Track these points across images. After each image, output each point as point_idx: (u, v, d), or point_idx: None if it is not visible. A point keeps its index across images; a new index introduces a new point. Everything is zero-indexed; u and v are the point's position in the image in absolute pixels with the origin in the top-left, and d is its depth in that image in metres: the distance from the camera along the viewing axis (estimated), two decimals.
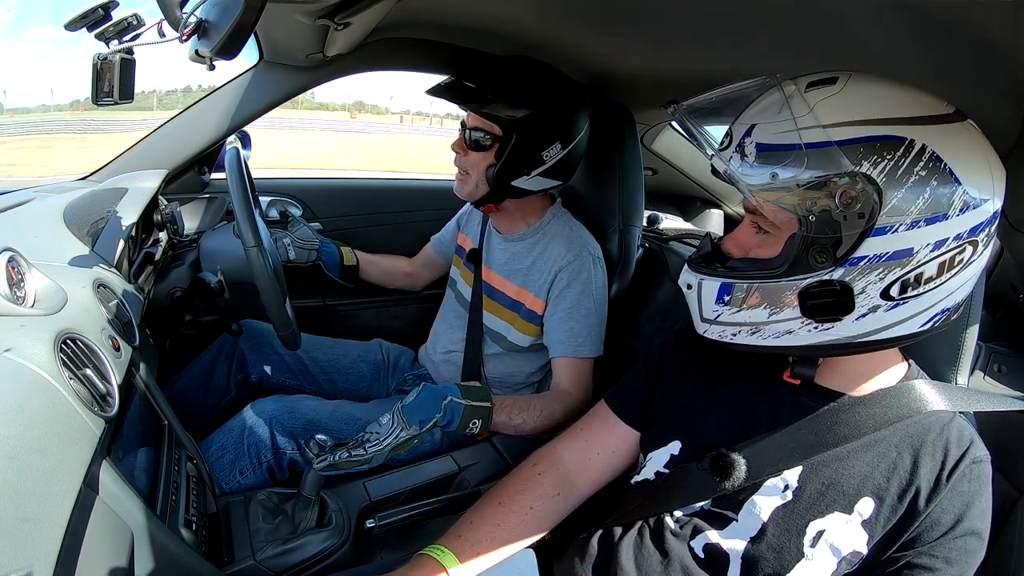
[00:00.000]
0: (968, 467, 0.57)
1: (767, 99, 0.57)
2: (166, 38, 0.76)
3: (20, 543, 0.41)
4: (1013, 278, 1.14)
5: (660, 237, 1.46)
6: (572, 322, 1.08)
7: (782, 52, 0.84)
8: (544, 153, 1.06)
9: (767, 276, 0.58)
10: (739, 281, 0.59)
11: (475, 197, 1.12)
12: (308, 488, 0.81)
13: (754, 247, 0.62)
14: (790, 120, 0.53)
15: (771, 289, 0.57)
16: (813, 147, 0.52)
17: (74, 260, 0.80)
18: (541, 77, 1.08)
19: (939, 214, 0.52)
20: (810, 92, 0.55)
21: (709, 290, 0.62)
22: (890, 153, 0.51)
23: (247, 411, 1.02)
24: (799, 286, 0.56)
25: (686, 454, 0.68)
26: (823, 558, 0.58)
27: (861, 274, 0.54)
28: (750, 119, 0.57)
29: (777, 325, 0.59)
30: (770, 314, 0.58)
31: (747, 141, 0.56)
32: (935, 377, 0.66)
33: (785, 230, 0.58)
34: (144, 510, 0.59)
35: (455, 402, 0.89)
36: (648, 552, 0.65)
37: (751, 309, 0.59)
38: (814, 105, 0.53)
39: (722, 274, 0.61)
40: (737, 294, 0.60)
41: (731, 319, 0.61)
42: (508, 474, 0.75)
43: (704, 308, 0.64)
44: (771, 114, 0.55)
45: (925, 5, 0.57)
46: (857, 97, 0.54)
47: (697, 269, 0.64)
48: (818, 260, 0.55)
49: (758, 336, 0.61)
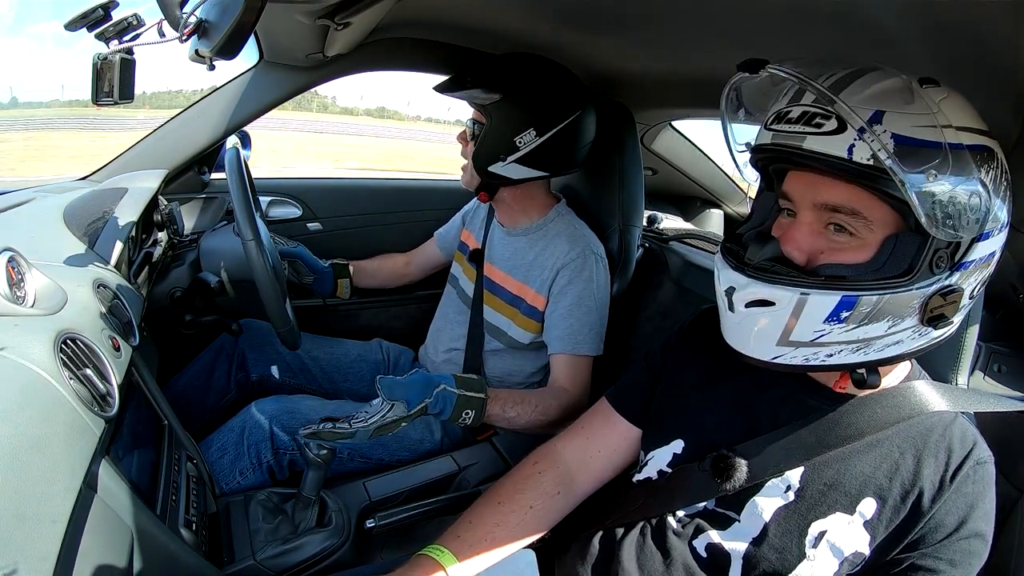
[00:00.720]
0: (972, 468, 0.57)
1: (882, 84, 0.51)
2: (166, 38, 0.76)
3: (10, 540, 0.41)
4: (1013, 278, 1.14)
5: (660, 237, 1.46)
6: (572, 319, 1.08)
7: (782, 52, 0.84)
8: (517, 139, 1.05)
9: (897, 286, 0.51)
10: (866, 294, 0.51)
11: (472, 186, 1.14)
12: (308, 488, 0.81)
13: (827, 251, 0.55)
14: (929, 115, 0.49)
15: (900, 299, 0.52)
16: (955, 148, 0.49)
17: (74, 260, 0.80)
18: (520, 63, 1.08)
19: (1007, 220, 0.54)
20: (927, 89, 0.51)
21: (818, 306, 0.52)
22: (991, 162, 0.51)
23: (247, 411, 1.02)
24: (927, 294, 0.52)
25: (689, 453, 0.68)
26: (825, 559, 0.57)
27: (967, 277, 0.54)
28: (869, 103, 0.50)
29: (891, 337, 0.54)
30: (890, 327, 0.53)
31: (877, 129, 0.49)
32: (935, 377, 0.66)
33: (879, 231, 0.53)
34: (144, 510, 0.59)
35: (448, 391, 0.89)
36: (650, 552, 0.65)
37: (872, 324, 0.53)
38: (939, 102, 0.50)
39: (841, 286, 0.52)
40: (862, 309, 0.52)
41: (839, 338, 0.54)
42: (508, 473, 0.75)
43: (799, 328, 0.54)
44: (898, 103, 0.50)
45: (925, 5, 0.57)
46: (963, 104, 0.53)
47: (783, 282, 0.53)
48: (940, 265, 0.52)
49: (861, 352, 0.55)
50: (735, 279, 0.56)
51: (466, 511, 0.70)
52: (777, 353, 0.56)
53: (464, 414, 0.91)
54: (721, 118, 0.63)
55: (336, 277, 1.32)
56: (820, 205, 0.54)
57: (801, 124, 0.53)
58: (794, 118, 0.53)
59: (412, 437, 1.10)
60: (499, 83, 1.04)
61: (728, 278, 0.57)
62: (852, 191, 0.52)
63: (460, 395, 0.90)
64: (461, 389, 0.90)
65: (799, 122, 0.53)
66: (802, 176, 0.56)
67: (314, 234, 1.58)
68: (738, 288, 0.56)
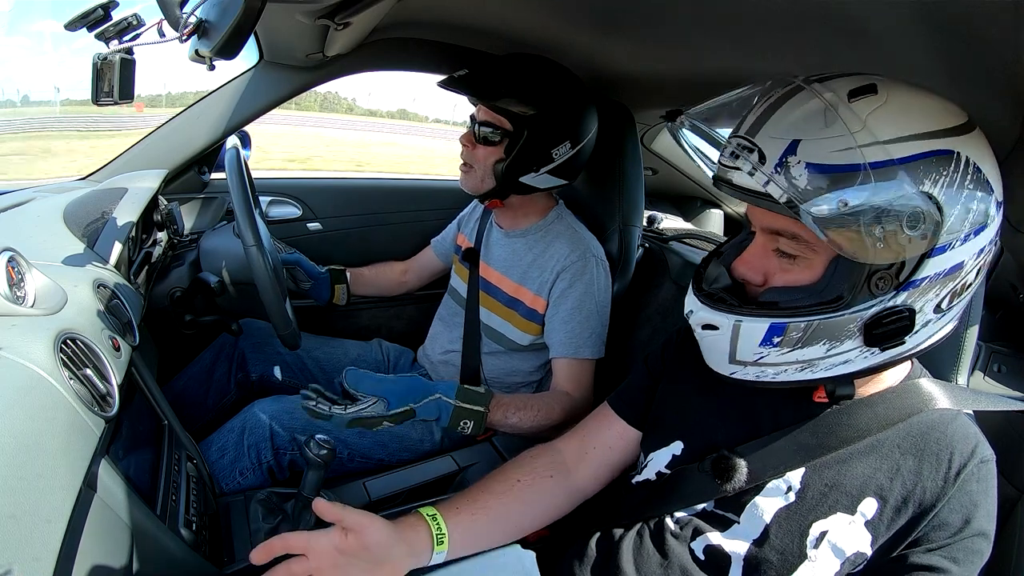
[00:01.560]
0: (976, 467, 0.57)
1: (802, 108, 0.51)
2: (166, 38, 0.76)
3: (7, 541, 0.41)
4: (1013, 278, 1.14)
5: (660, 237, 1.46)
6: (573, 323, 1.08)
7: (782, 52, 0.84)
8: (554, 151, 1.07)
9: (828, 310, 0.52)
10: (794, 320, 0.53)
11: (480, 191, 1.13)
12: (308, 488, 0.81)
13: (778, 272, 0.56)
14: (846, 136, 0.48)
15: (834, 324, 0.52)
16: (878, 167, 0.46)
17: (74, 260, 0.80)
18: (552, 74, 1.08)
19: (983, 224, 0.51)
20: (856, 102, 0.49)
21: (751, 332, 0.55)
22: (944, 168, 0.48)
23: (248, 411, 1.02)
24: (864, 317, 0.52)
25: (688, 455, 0.68)
26: (826, 559, 0.57)
27: (921, 294, 0.52)
28: (787, 132, 0.50)
29: (835, 358, 0.55)
30: (828, 349, 0.54)
31: (792, 160, 0.49)
32: (935, 377, 0.66)
33: (823, 253, 0.53)
34: (144, 510, 0.59)
35: (444, 401, 0.89)
36: (648, 553, 0.65)
37: (806, 347, 0.54)
38: (866, 117, 0.48)
39: (770, 314, 0.54)
40: (792, 334, 0.53)
41: (778, 360, 0.56)
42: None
43: (740, 350, 0.57)
44: (815, 127, 0.49)
45: (925, 5, 0.57)
46: (904, 108, 0.50)
47: (723, 308, 0.56)
48: (880, 286, 0.51)
49: (808, 371, 0.56)
50: (691, 303, 0.60)
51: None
52: (732, 369, 0.60)
53: (462, 424, 0.91)
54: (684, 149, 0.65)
55: (333, 283, 1.32)
56: (766, 229, 0.57)
57: (731, 158, 0.55)
58: (727, 152, 0.56)
59: (412, 437, 1.10)
60: (537, 95, 1.04)
61: (688, 301, 0.61)
62: (788, 218, 0.52)
63: (457, 407, 0.90)
64: (459, 400, 0.90)
65: (731, 156, 0.55)
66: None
67: (314, 234, 1.58)
68: (694, 312, 0.60)
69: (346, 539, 0.58)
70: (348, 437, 1.04)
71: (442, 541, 0.62)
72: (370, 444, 1.06)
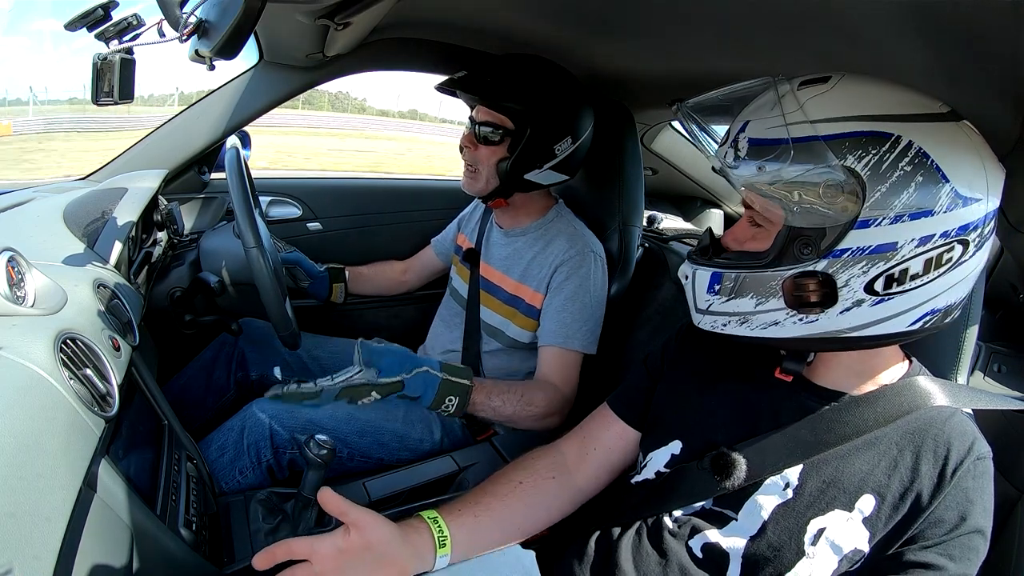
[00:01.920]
0: (972, 464, 0.57)
1: (763, 98, 0.59)
2: (166, 38, 0.76)
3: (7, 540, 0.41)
4: (1013, 278, 1.14)
5: (660, 237, 1.46)
6: (565, 314, 1.09)
7: (782, 52, 0.84)
8: (556, 147, 1.08)
9: (753, 267, 0.60)
10: (728, 271, 0.62)
11: (485, 192, 1.14)
12: (308, 488, 0.81)
13: (748, 240, 0.64)
14: (780, 116, 0.55)
15: (756, 279, 0.59)
16: (800, 141, 0.53)
17: (74, 260, 0.80)
18: (550, 74, 1.10)
19: (925, 210, 0.52)
20: (802, 90, 0.57)
21: (701, 280, 0.64)
22: (875, 148, 0.52)
23: (247, 410, 1.02)
24: (783, 276, 0.58)
25: (687, 454, 0.68)
26: (824, 556, 0.58)
27: (844, 266, 0.55)
28: (745, 117, 0.60)
29: (764, 316, 0.60)
30: (756, 304, 0.60)
31: (740, 137, 0.58)
32: (935, 376, 0.66)
33: (776, 224, 0.59)
34: (144, 510, 0.59)
35: (431, 373, 0.90)
36: (646, 552, 0.65)
37: (739, 299, 0.61)
38: (804, 102, 0.55)
39: (713, 264, 0.64)
40: (726, 283, 0.62)
41: (721, 308, 0.63)
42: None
43: (698, 298, 0.66)
44: (764, 111, 0.57)
45: (925, 5, 0.57)
46: (847, 95, 0.55)
47: (693, 261, 0.67)
48: (803, 252, 0.56)
49: (746, 327, 0.62)
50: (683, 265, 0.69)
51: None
52: (697, 319, 0.67)
53: (447, 400, 0.92)
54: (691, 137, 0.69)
55: (331, 282, 1.33)
56: (744, 203, 0.64)
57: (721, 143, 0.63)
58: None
59: (412, 437, 1.10)
60: (536, 92, 1.05)
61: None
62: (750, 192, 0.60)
63: (443, 379, 0.91)
64: (444, 373, 0.92)
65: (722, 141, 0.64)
66: None
67: (314, 234, 1.58)
68: (682, 268, 0.68)
69: (349, 538, 0.58)
70: (348, 437, 1.04)
71: (444, 543, 0.62)
72: (370, 444, 1.06)
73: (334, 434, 1.01)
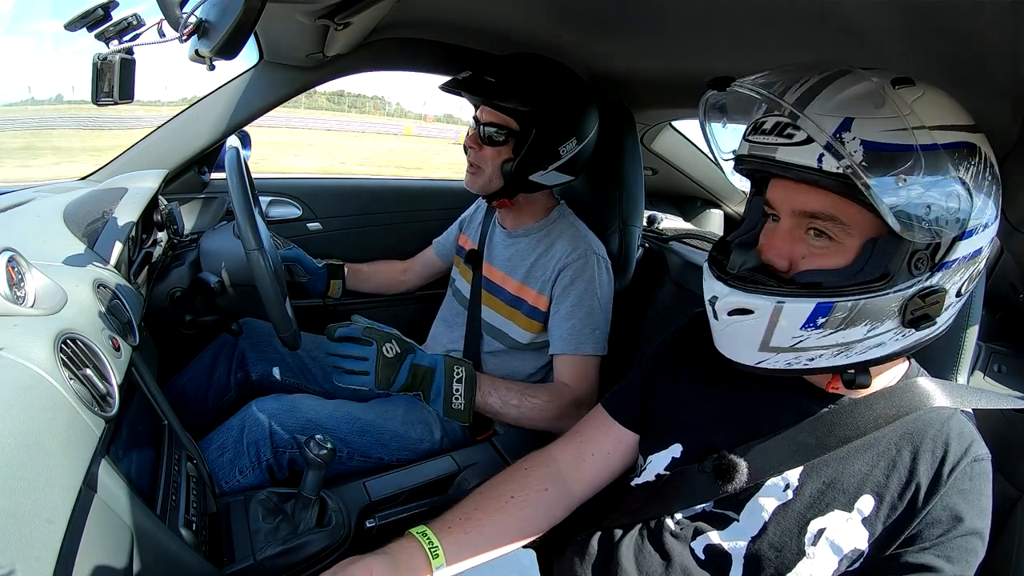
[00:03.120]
0: (969, 465, 0.57)
1: (851, 90, 0.52)
2: (166, 38, 0.76)
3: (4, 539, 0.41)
4: (1013, 278, 1.14)
5: (660, 237, 1.46)
6: (574, 319, 1.09)
7: (781, 53, 0.84)
8: (561, 148, 1.08)
9: (875, 290, 0.52)
10: (841, 300, 0.52)
11: (488, 191, 1.13)
12: (308, 488, 0.81)
13: (808, 256, 0.56)
14: (899, 118, 0.49)
15: (877, 303, 0.52)
16: (927, 149, 0.48)
17: (74, 260, 0.80)
18: (556, 74, 1.09)
19: (995, 215, 0.54)
20: (900, 90, 0.51)
21: (794, 313, 0.53)
22: (972, 159, 0.51)
23: (247, 409, 1.02)
24: (905, 296, 0.52)
25: (687, 456, 0.68)
26: (824, 556, 0.58)
27: (950, 276, 0.54)
28: (838, 110, 0.50)
29: (872, 340, 0.54)
30: (869, 331, 0.54)
31: (846, 137, 0.49)
32: (935, 376, 0.66)
33: (857, 236, 0.53)
34: (144, 510, 0.59)
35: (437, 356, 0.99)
36: (648, 554, 0.65)
37: (849, 328, 0.53)
38: (911, 103, 0.50)
39: (815, 293, 0.53)
40: (837, 314, 0.52)
41: (818, 343, 0.54)
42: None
43: (777, 335, 0.55)
44: (867, 108, 0.50)
45: (925, 5, 0.57)
46: (940, 101, 0.52)
47: (760, 290, 0.54)
48: (919, 267, 0.52)
49: (843, 355, 0.55)
50: (717, 288, 0.58)
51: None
52: (760, 358, 0.58)
53: (456, 371, 0.99)
54: (702, 128, 0.65)
55: (329, 278, 1.33)
56: (799, 212, 0.56)
57: (774, 135, 0.54)
58: (768, 129, 0.55)
59: (412, 437, 1.10)
60: (541, 93, 1.04)
61: (711, 287, 0.59)
62: (828, 197, 0.53)
63: (447, 358, 0.99)
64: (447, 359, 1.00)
65: (772, 132, 0.54)
66: (781, 184, 0.57)
67: (314, 234, 1.58)
68: (720, 297, 0.57)
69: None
70: (348, 436, 1.04)
71: (437, 555, 0.62)
72: (370, 443, 1.06)
73: (334, 434, 1.01)
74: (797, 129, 0.52)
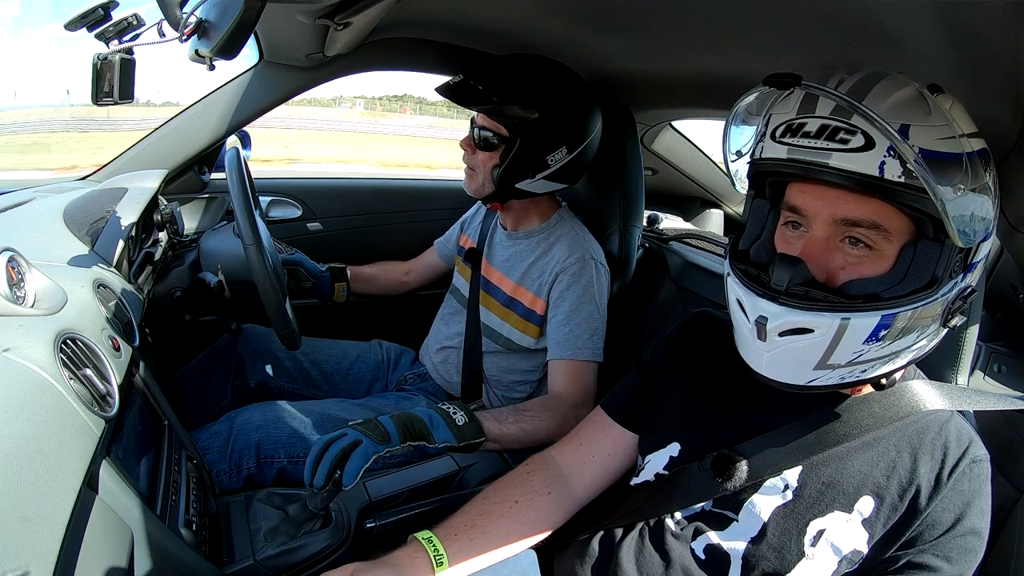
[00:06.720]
0: (968, 466, 0.57)
1: (897, 95, 0.50)
2: (166, 38, 0.76)
3: (18, 542, 0.41)
4: (1013, 278, 1.14)
5: (660, 237, 1.46)
6: (571, 324, 1.08)
7: (781, 52, 0.84)
8: (550, 158, 1.06)
9: (929, 296, 0.51)
10: (902, 309, 0.50)
11: (481, 195, 1.13)
12: (315, 504, 0.81)
13: (847, 265, 0.53)
14: (949, 126, 0.49)
15: (930, 309, 0.51)
16: (970, 157, 0.49)
17: (74, 260, 0.80)
18: (552, 78, 1.07)
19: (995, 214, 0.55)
20: (937, 97, 0.50)
21: (859, 329, 0.51)
22: (991, 163, 0.53)
23: (236, 417, 1.01)
24: (949, 299, 0.52)
25: (685, 456, 0.68)
26: (824, 557, 0.58)
27: (975, 275, 0.55)
28: (893, 117, 0.48)
29: (918, 344, 0.54)
30: (919, 336, 0.53)
31: (908, 145, 0.47)
32: (935, 377, 0.66)
33: (896, 242, 0.52)
34: (144, 510, 0.59)
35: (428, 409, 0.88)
36: (648, 554, 0.65)
37: (904, 337, 0.52)
38: (949, 110, 0.50)
39: (878, 306, 0.50)
40: (898, 324, 0.51)
41: (876, 354, 0.53)
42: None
43: (839, 352, 0.52)
44: (919, 115, 0.49)
45: (925, 5, 0.57)
46: (963, 108, 0.53)
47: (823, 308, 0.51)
48: (956, 270, 0.52)
49: (890, 363, 0.55)
50: (766, 308, 0.53)
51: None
52: (813, 377, 0.55)
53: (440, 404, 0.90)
54: (725, 129, 0.62)
55: (333, 281, 1.32)
56: (839, 220, 0.53)
57: (823, 139, 0.51)
58: (813, 132, 0.51)
59: None
60: (532, 101, 1.02)
61: (756, 307, 0.54)
62: (877, 206, 0.51)
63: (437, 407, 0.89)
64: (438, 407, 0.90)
65: (820, 136, 0.51)
66: (819, 191, 0.53)
67: (314, 234, 1.58)
68: (772, 318, 0.53)
69: None
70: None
71: (441, 563, 0.62)
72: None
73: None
74: (851, 134, 0.49)
